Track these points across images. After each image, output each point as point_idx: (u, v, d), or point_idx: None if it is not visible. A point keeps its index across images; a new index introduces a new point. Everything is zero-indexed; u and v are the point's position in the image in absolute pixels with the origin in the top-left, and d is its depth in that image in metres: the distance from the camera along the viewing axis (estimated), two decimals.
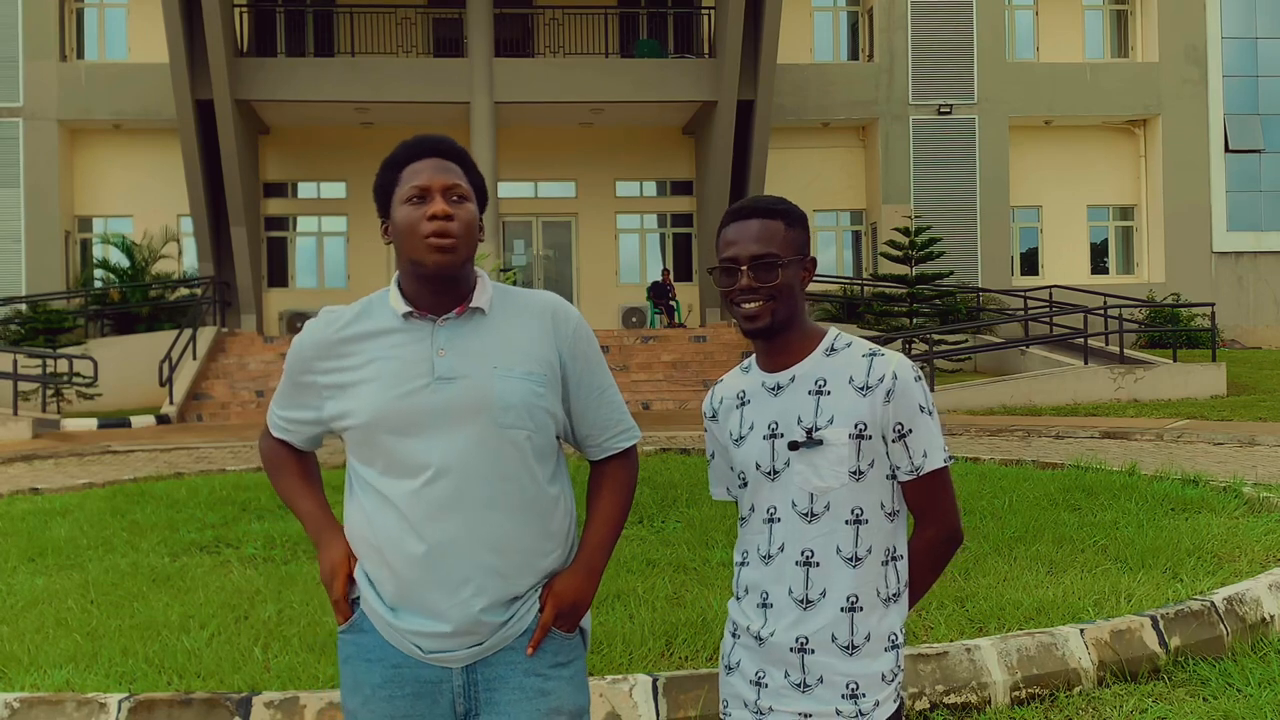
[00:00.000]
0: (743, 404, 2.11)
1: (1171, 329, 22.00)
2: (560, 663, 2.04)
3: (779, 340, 2.06)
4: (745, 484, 2.10)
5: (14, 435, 15.35)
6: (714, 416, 2.18)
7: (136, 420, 17.10)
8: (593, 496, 2.15)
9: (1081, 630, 4.13)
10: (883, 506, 2.02)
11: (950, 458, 2.05)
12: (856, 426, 1.98)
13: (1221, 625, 4.33)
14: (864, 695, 1.98)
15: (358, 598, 2.04)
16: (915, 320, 21.77)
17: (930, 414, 2.02)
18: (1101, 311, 20.13)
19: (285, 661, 4.11)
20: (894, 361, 2.00)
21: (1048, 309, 21.06)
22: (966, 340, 20.83)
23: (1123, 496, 7.03)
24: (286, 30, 24.67)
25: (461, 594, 1.95)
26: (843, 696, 1.98)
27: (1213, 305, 20.23)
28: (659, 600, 4.82)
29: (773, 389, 2.07)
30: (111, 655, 4.24)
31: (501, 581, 1.98)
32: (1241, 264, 26.08)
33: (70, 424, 16.63)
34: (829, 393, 2.01)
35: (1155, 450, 11.51)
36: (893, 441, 2.00)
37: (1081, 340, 19.10)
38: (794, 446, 2.01)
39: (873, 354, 2.02)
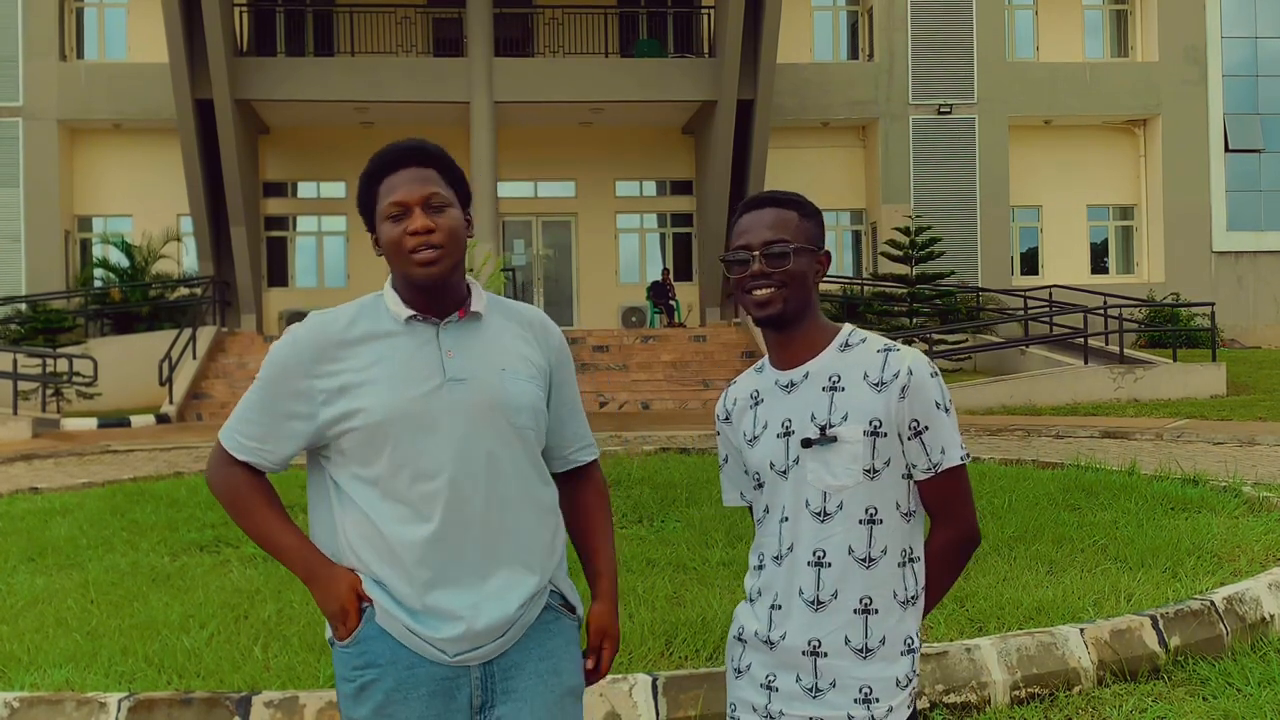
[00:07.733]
0: (756, 403, 2.08)
1: (1171, 329, 22.00)
2: (567, 642, 2.10)
3: (791, 334, 2.04)
4: (760, 485, 2.07)
5: (14, 435, 15.33)
6: (727, 418, 2.15)
7: (136, 420, 17.10)
8: (587, 520, 2.21)
9: (1081, 630, 4.13)
10: (898, 506, 1.98)
11: (968, 456, 2.02)
12: (871, 423, 1.95)
13: (1221, 625, 4.33)
14: (877, 700, 1.95)
15: (364, 608, 1.99)
16: (915, 320, 21.77)
17: (947, 411, 1.98)
18: (1101, 311, 20.12)
19: (285, 661, 4.11)
20: (909, 357, 1.97)
21: (1048, 309, 21.04)
22: (966, 340, 20.83)
23: (1122, 496, 7.02)
24: (286, 30, 24.67)
25: (488, 588, 1.98)
26: (855, 701, 1.95)
27: (1212, 305, 20.20)
28: (659, 600, 4.82)
29: (786, 386, 2.04)
30: (111, 655, 4.23)
31: (526, 575, 2.02)
32: (1241, 264, 26.07)
33: (70, 423, 16.62)
34: (843, 389, 1.98)
35: (1155, 450, 11.50)
36: (908, 439, 1.97)
37: (1081, 340, 19.09)
38: (807, 444, 1.97)
39: (887, 349, 1.99)
